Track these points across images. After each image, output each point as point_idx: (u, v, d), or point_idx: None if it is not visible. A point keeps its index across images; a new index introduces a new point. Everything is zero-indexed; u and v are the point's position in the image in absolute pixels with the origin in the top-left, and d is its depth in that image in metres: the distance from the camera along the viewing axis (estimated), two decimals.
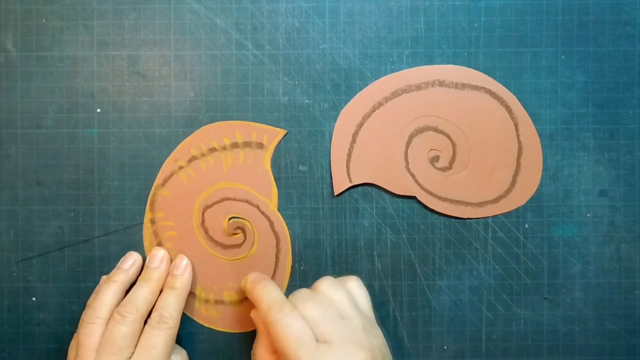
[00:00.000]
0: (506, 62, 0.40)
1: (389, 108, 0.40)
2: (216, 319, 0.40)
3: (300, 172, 0.40)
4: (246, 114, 0.40)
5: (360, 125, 0.40)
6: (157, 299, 0.37)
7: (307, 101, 0.40)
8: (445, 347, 0.40)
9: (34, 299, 0.40)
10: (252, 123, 0.40)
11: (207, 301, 0.40)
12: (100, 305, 0.36)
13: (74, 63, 0.40)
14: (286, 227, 0.40)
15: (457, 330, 0.40)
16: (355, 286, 0.37)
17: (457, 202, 0.40)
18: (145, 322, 0.36)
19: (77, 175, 0.40)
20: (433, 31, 0.40)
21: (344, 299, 0.35)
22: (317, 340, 0.33)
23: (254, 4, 0.40)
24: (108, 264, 0.40)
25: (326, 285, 0.36)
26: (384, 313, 0.40)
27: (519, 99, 0.40)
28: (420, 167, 0.40)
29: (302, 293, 0.36)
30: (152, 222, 0.40)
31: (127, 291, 0.37)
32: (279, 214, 0.40)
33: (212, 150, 0.40)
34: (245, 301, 0.40)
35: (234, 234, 0.40)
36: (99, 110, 0.40)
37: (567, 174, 0.40)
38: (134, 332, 0.35)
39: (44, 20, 0.40)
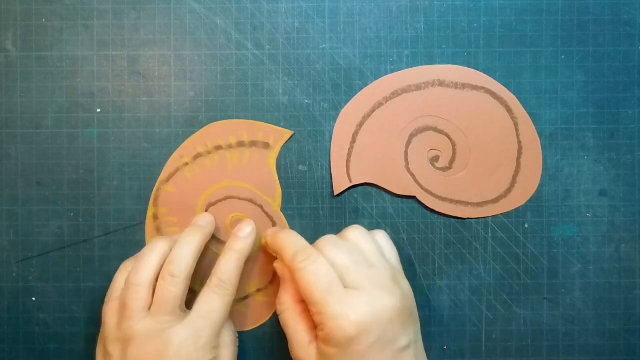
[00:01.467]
0: (506, 62, 0.40)
1: (389, 108, 0.40)
2: None
3: (300, 172, 0.40)
4: (246, 114, 0.40)
5: (360, 125, 0.40)
6: (217, 261, 0.36)
7: (307, 101, 0.40)
8: (445, 347, 0.40)
9: (34, 299, 0.40)
10: (259, 123, 0.40)
11: None
12: (145, 265, 0.35)
13: (74, 63, 0.40)
14: (288, 228, 0.40)
15: (457, 330, 0.40)
16: (383, 238, 0.37)
17: (457, 202, 0.40)
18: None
19: (77, 175, 0.40)
20: (433, 31, 0.40)
21: (372, 248, 0.35)
22: (345, 287, 0.32)
23: (254, 4, 0.40)
24: (108, 264, 0.40)
25: (355, 233, 0.35)
26: None
27: (519, 99, 0.40)
28: (420, 167, 0.40)
29: (329, 239, 0.35)
30: (155, 217, 0.40)
31: None
32: (282, 215, 0.40)
33: (218, 148, 0.40)
34: (245, 299, 0.40)
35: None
36: (99, 110, 0.40)
37: (567, 174, 0.40)
38: (184, 291, 0.35)
39: (44, 20, 0.40)
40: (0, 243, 0.40)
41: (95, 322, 0.40)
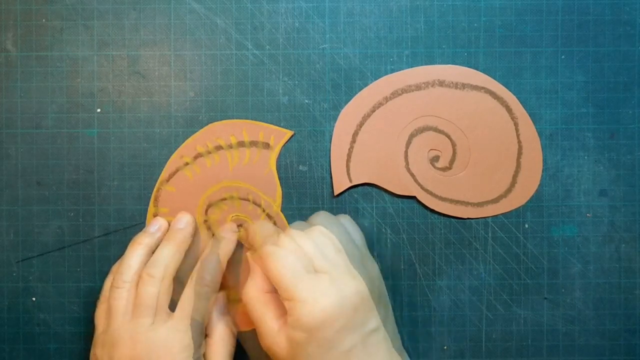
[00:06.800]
0: (506, 62, 0.40)
1: (389, 108, 0.40)
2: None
3: (300, 172, 0.40)
4: (246, 114, 0.40)
5: (361, 125, 0.40)
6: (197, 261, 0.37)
7: (307, 101, 0.40)
8: (445, 347, 0.40)
9: (34, 299, 0.40)
10: (259, 122, 0.40)
11: None
12: (127, 268, 0.36)
13: (74, 63, 0.40)
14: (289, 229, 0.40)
15: (457, 330, 0.40)
16: (348, 221, 0.38)
17: (457, 202, 0.40)
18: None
19: (77, 175, 0.40)
20: (433, 31, 0.40)
21: (338, 232, 0.35)
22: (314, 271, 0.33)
23: (254, 4, 0.40)
24: (108, 264, 0.40)
25: (320, 218, 0.36)
26: None
27: (519, 99, 0.40)
28: (421, 167, 0.40)
29: (296, 225, 0.36)
30: (155, 217, 0.40)
31: None
32: (282, 215, 0.40)
33: (219, 148, 0.40)
34: (241, 301, 0.40)
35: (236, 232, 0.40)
36: (99, 110, 0.40)
37: (567, 174, 0.40)
38: (165, 291, 0.35)
39: (44, 20, 0.40)
40: (0, 243, 0.40)
41: None
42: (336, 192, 0.40)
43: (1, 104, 0.40)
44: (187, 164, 0.40)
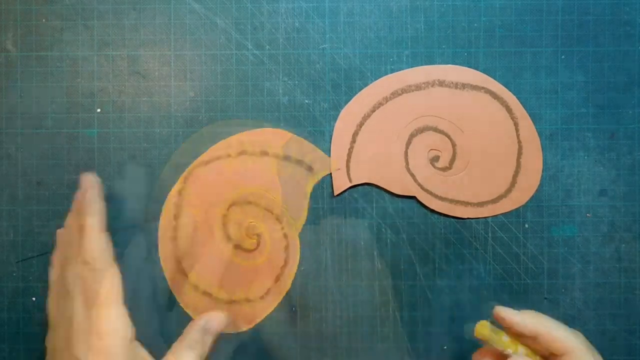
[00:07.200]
0: (506, 62, 0.40)
1: (389, 108, 0.40)
2: (198, 309, 0.39)
3: None
4: (246, 113, 0.40)
5: (361, 125, 0.40)
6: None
7: (307, 101, 0.40)
8: (445, 347, 0.40)
9: (34, 299, 0.40)
10: (311, 145, 0.40)
11: (196, 288, 0.40)
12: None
13: (74, 63, 0.40)
14: (299, 255, 0.40)
15: (457, 330, 0.40)
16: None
17: (457, 202, 0.40)
18: None
19: (77, 175, 0.40)
20: (433, 31, 0.40)
21: None
22: None
23: (254, 4, 0.40)
24: None
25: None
26: (384, 313, 0.40)
27: (519, 99, 0.40)
28: (420, 167, 0.40)
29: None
30: (180, 193, 0.39)
31: None
32: (298, 240, 0.40)
33: (264, 153, 0.40)
34: (232, 305, 0.40)
35: (250, 238, 0.40)
36: (99, 110, 0.40)
37: (567, 174, 0.40)
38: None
39: (44, 20, 0.40)
40: (0, 243, 0.40)
41: None
42: (336, 192, 0.40)
43: (1, 104, 0.40)
44: (229, 156, 0.40)
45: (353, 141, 0.40)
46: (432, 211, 0.40)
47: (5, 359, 0.40)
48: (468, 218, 0.40)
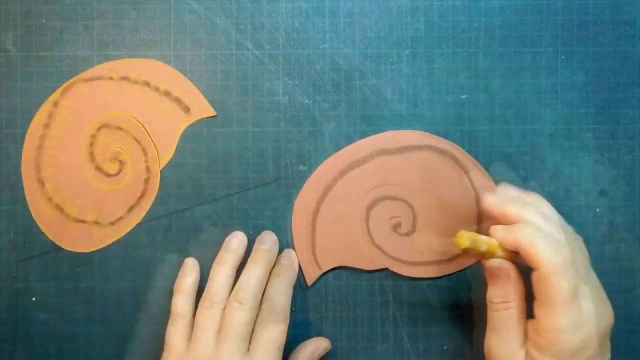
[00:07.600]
0: (506, 62, 0.40)
1: (340, 188, 0.39)
2: (46, 220, 0.40)
3: (300, 172, 0.40)
4: (246, 113, 0.40)
5: (316, 212, 0.39)
6: (266, 288, 0.37)
7: (307, 101, 0.40)
8: (445, 347, 0.40)
9: (34, 299, 0.40)
10: (194, 87, 0.39)
11: (50, 200, 0.39)
12: (215, 290, 0.36)
13: (74, 63, 0.40)
14: (157, 190, 0.39)
15: (457, 330, 0.40)
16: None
17: (429, 263, 0.39)
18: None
19: None
20: (433, 31, 0.40)
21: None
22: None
23: (254, 4, 0.40)
24: (108, 264, 0.40)
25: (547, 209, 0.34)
26: (384, 313, 0.40)
27: (519, 98, 0.40)
28: (385, 237, 0.39)
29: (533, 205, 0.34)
30: (55, 104, 0.39)
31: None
32: (159, 176, 0.39)
33: (146, 84, 0.39)
34: (81, 224, 0.40)
35: (112, 162, 0.40)
36: None
37: (567, 174, 0.40)
38: (253, 318, 0.35)
39: (44, 20, 0.40)
40: (0, 243, 0.40)
41: (95, 322, 0.40)
42: (309, 283, 0.39)
43: (1, 104, 0.40)
44: (111, 78, 0.39)
45: (313, 229, 0.39)
46: (408, 278, 0.39)
47: (5, 359, 0.40)
48: (443, 275, 0.39)
